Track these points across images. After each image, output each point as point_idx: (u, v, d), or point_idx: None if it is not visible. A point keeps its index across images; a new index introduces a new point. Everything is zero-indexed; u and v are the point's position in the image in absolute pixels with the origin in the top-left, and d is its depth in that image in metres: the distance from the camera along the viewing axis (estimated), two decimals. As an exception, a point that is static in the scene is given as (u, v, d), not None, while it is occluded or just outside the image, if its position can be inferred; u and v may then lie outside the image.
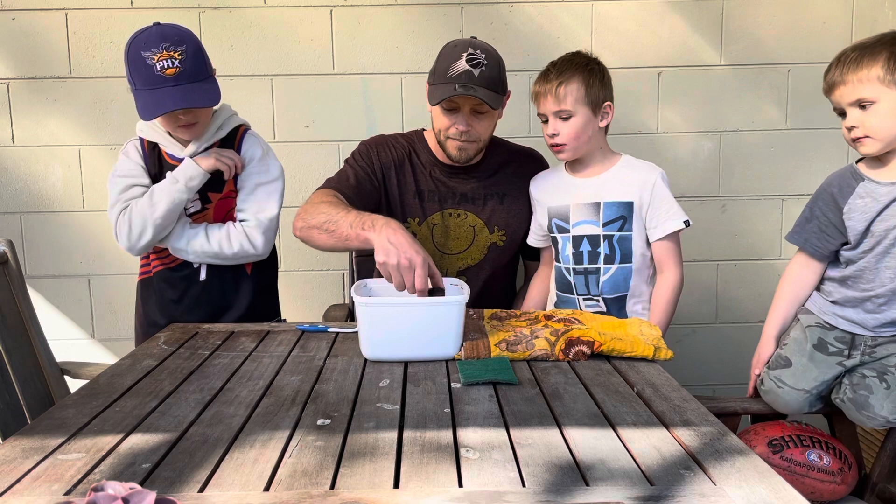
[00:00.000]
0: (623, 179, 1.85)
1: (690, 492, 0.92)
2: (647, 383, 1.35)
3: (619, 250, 1.83)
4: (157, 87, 1.70)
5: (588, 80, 1.80)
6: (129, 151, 1.87)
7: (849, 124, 1.56)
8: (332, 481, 0.95)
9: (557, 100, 1.79)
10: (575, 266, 1.87)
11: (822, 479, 1.56)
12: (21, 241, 2.52)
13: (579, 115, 1.80)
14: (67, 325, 2.59)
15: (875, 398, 1.52)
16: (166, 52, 1.71)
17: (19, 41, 2.46)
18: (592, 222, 1.84)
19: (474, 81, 1.79)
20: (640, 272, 1.85)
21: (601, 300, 1.86)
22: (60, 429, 1.13)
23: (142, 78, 1.71)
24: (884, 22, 2.54)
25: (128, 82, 1.76)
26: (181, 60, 1.71)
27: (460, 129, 1.85)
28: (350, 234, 1.68)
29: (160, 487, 0.93)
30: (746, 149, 2.61)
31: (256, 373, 1.41)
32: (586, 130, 1.82)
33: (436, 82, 1.85)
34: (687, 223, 1.81)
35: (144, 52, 1.71)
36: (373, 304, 1.50)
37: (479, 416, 1.18)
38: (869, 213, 1.56)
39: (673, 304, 1.84)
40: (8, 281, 1.80)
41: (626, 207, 1.83)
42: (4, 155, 2.52)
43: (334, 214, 1.73)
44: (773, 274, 2.66)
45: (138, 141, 1.88)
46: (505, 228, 1.98)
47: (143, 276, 1.95)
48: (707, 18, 2.54)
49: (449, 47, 1.86)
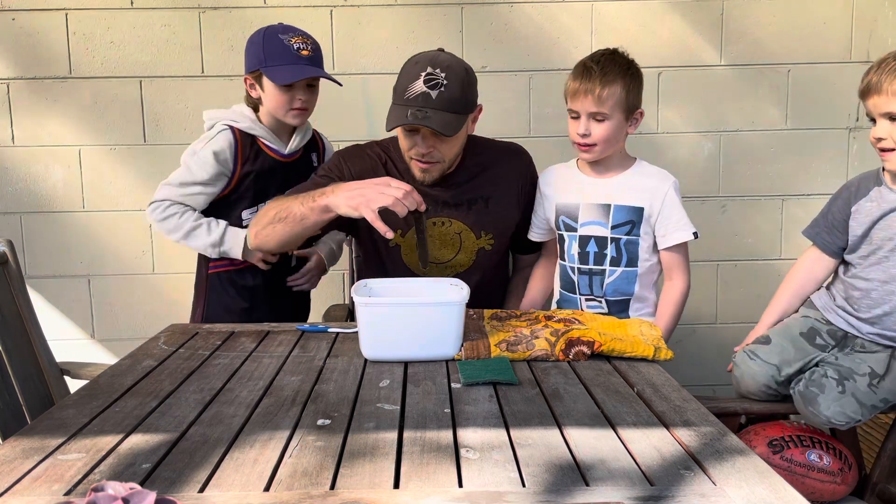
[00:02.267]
0: (636, 185, 1.83)
1: (690, 492, 0.92)
2: (647, 383, 1.35)
3: (625, 254, 1.83)
4: (295, 63, 1.85)
5: (629, 85, 1.76)
6: (220, 144, 1.89)
7: (878, 135, 1.54)
8: (332, 481, 0.95)
9: (598, 101, 1.74)
10: (580, 266, 1.87)
11: (823, 479, 1.55)
12: (21, 241, 2.52)
13: (614, 120, 1.76)
14: (67, 325, 2.59)
15: (824, 398, 1.53)
16: (302, 37, 1.90)
17: (19, 41, 2.46)
18: (601, 223, 1.83)
19: (431, 104, 1.71)
20: (644, 277, 1.85)
21: (603, 301, 1.86)
22: (60, 429, 1.13)
23: (279, 54, 1.85)
24: (884, 22, 2.55)
25: (255, 63, 1.88)
26: (313, 48, 1.90)
27: (421, 153, 1.79)
28: (304, 211, 1.68)
29: (160, 487, 0.93)
30: (746, 149, 2.61)
31: (256, 373, 1.41)
32: (617, 135, 1.79)
33: (394, 102, 1.78)
34: (695, 235, 1.81)
35: (282, 35, 1.87)
36: (373, 304, 1.50)
37: (479, 417, 1.18)
38: (871, 217, 1.57)
39: (678, 311, 1.84)
40: (8, 281, 1.80)
41: (636, 213, 1.81)
42: (4, 155, 2.52)
43: (280, 205, 1.74)
44: (773, 274, 2.66)
45: (230, 133, 1.91)
46: (492, 231, 1.93)
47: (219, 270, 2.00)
48: (707, 18, 2.54)
49: (409, 64, 1.78)
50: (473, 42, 2.48)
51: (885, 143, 1.53)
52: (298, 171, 1.98)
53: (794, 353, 1.64)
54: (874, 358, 1.57)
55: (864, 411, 1.53)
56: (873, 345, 1.60)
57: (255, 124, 1.92)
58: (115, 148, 2.52)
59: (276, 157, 1.95)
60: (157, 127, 2.50)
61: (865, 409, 1.53)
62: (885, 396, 1.53)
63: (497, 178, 1.95)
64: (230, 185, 1.93)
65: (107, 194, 2.54)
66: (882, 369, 1.54)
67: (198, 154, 1.89)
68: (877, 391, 1.53)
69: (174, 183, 1.90)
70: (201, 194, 1.90)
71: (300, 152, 2.00)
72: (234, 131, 1.91)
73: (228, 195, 1.94)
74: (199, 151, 1.89)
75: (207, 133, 1.93)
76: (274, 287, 2.03)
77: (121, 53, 2.48)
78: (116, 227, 2.55)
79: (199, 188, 1.89)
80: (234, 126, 1.91)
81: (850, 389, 1.53)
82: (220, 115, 1.95)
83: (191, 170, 1.89)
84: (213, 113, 1.96)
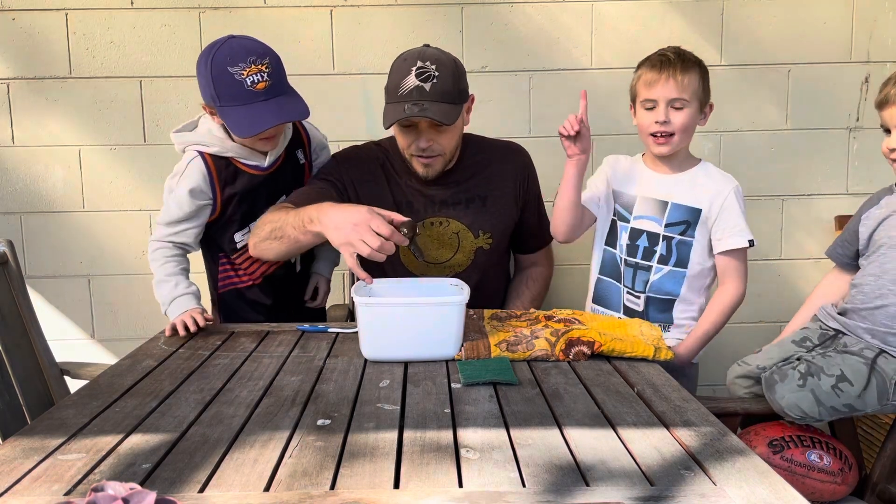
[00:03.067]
0: (697, 185, 1.81)
1: (690, 492, 0.92)
2: (647, 383, 1.35)
3: (675, 253, 1.81)
4: (249, 103, 1.67)
5: (703, 75, 1.78)
6: (194, 179, 1.78)
7: (891, 145, 1.57)
8: (332, 481, 0.95)
9: (680, 87, 1.73)
10: (627, 257, 1.85)
11: (823, 479, 1.55)
12: (21, 241, 2.52)
13: (692, 108, 1.77)
14: (67, 325, 2.59)
15: (781, 387, 1.53)
16: (254, 65, 1.68)
17: (19, 41, 2.46)
18: (655, 219, 1.82)
19: (426, 97, 1.71)
20: (693, 280, 1.82)
21: (643, 298, 1.84)
22: (60, 429, 1.13)
23: (231, 94, 1.68)
24: (884, 22, 2.54)
25: (208, 99, 1.73)
26: (269, 74, 1.69)
27: (421, 147, 1.79)
28: (296, 235, 1.67)
29: (160, 488, 0.93)
30: (746, 149, 2.61)
31: (256, 373, 1.41)
32: (693, 125, 1.79)
33: (388, 101, 1.78)
34: (751, 242, 1.79)
35: (232, 68, 1.67)
36: (373, 304, 1.50)
37: (479, 417, 1.18)
38: (877, 220, 1.60)
39: (725, 317, 1.82)
40: (8, 281, 1.80)
41: (693, 214, 1.80)
42: (4, 155, 2.52)
43: (277, 221, 1.71)
44: (773, 274, 2.66)
45: (200, 160, 1.79)
46: (490, 231, 1.93)
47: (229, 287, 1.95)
48: (707, 18, 2.54)
49: (398, 62, 1.79)
50: (473, 42, 2.48)
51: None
52: (285, 177, 1.90)
53: (778, 353, 1.68)
54: (850, 363, 1.54)
55: (822, 411, 1.51)
56: (859, 343, 1.59)
57: (225, 145, 1.80)
58: (115, 148, 2.52)
59: (257, 173, 1.84)
60: (157, 127, 2.50)
61: (824, 409, 1.51)
62: (850, 403, 1.51)
63: (495, 177, 1.95)
64: (215, 212, 1.84)
65: (107, 194, 2.54)
66: (858, 379, 1.51)
67: (174, 192, 1.80)
68: (840, 395, 1.50)
69: (162, 223, 1.83)
70: (190, 229, 1.82)
71: (283, 156, 1.89)
72: (204, 158, 1.79)
73: (216, 220, 1.86)
74: (175, 189, 1.80)
75: (178, 166, 1.82)
76: (286, 301, 2.00)
77: (121, 53, 2.48)
78: (116, 227, 2.55)
79: (184, 225, 1.81)
80: (203, 152, 1.79)
81: (811, 386, 1.51)
82: (189, 139, 1.82)
83: (171, 209, 1.81)
84: (182, 137, 1.84)
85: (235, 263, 1.93)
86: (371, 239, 1.50)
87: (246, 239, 1.87)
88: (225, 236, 1.89)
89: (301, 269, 2.03)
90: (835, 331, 1.66)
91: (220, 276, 1.95)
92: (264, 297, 1.95)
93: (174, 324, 1.71)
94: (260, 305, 1.96)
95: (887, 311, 1.56)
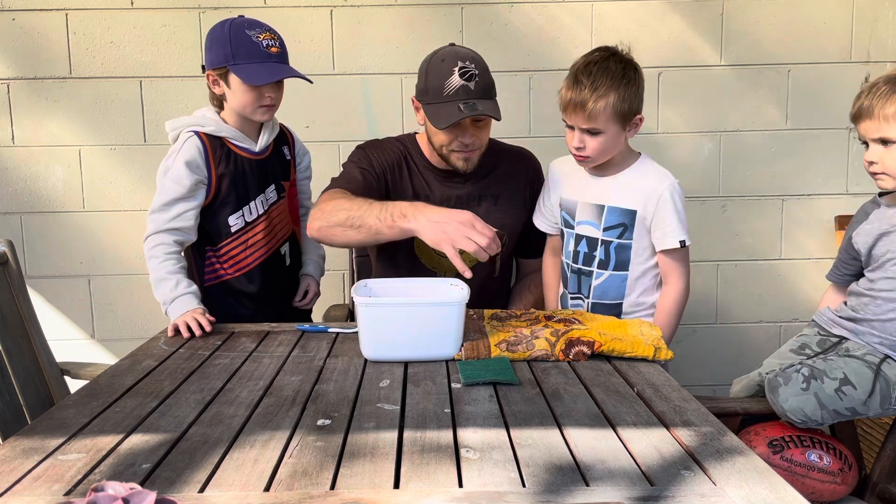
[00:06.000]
0: (631, 186, 1.79)
1: (690, 492, 0.92)
2: (647, 383, 1.35)
3: (614, 257, 1.80)
4: (264, 61, 1.80)
5: (623, 94, 1.69)
6: (190, 152, 1.82)
7: (869, 158, 1.57)
8: (332, 481, 0.95)
9: (588, 118, 1.69)
10: (571, 263, 1.87)
11: (823, 479, 1.55)
12: (21, 241, 2.52)
13: (608, 133, 1.72)
14: (67, 325, 2.59)
15: (785, 390, 1.53)
16: (269, 33, 1.84)
17: (19, 41, 2.46)
18: (594, 224, 1.82)
19: (473, 95, 1.76)
20: (637, 282, 1.81)
21: (587, 304, 1.85)
22: (60, 429, 1.13)
23: (247, 52, 1.79)
24: (884, 22, 2.55)
25: (220, 59, 1.81)
26: (280, 44, 1.85)
27: (465, 143, 1.83)
28: (380, 227, 1.67)
29: (160, 487, 0.93)
30: (746, 149, 2.61)
31: (256, 373, 1.41)
32: (614, 145, 1.75)
33: (433, 101, 1.80)
34: (682, 243, 1.75)
35: (249, 31, 1.81)
36: (373, 304, 1.50)
37: (479, 417, 1.18)
38: (872, 236, 1.61)
39: (674, 316, 1.79)
40: (8, 281, 1.80)
41: (629, 216, 1.78)
42: (4, 155, 2.52)
43: (356, 210, 1.71)
44: (773, 274, 2.66)
45: (196, 139, 1.84)
46: (501, 229, 1.95)
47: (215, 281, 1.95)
48: (707, 18, 2.54)
49: (436, 62, 1.81)
50: (473, 42, 2.48)
51: (875, 168, 1.56)
52: (273, 166, 1.95)
53: (778, 364, 1.68)
54: (853, 367, 1.54)
55: (825, 414, 1.51)
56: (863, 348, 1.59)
57: (220, 125, 1.87)
58: (115, 148, 2.52)
59: (248, 157, 1.90)
60: (157, 127, 2.50)
61: (826, 413, 1.51)
62: (853, 407, 1.51)
63: (507, 178, 1.98)
64: (210, 193, 1.86)
65: (107, 194, 2.54)
66: (863, 384, 1.51)
67: (171, 170, 1.82)
68: (844, 398, 1.50)
69: (157, 208, 1.81)
70: (187, 211, 1.82)
71: (271, 147, 1.96)
72: (200, 136, 1.84)
73: (211, 203, 1.87)
74: (171, 167, 1.82)
75: (173, 146, 1.86)
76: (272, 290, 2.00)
77: (121, 53, 2.48)
78: (116, 227, 2.55)
79: (182, 205, 1.81)
80: (199, 131, 1.85)
81: (815, 389, 1.51)
82: (183, 122, 1.88)
83: (168, 189, 1.81)
84: (176, 122, 1.89)
85: (223, 254, 1.92)
86: (478, 237, 1.54)
87: (240, 223, 1.89)
88: (219, 220, 1.89)
89: (290, 263, 2.04)
90: (837, 337, 1.66)
91: (206, 270, 1.95)
92: (250, 285, 1.95)
93: (176, 324, 1.71)
94: (245, 296, 1.95)
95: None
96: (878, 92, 1.52)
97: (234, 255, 1.93)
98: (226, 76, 1.83)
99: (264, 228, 1.93)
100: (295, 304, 2.05)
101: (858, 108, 1.56)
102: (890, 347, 1.57)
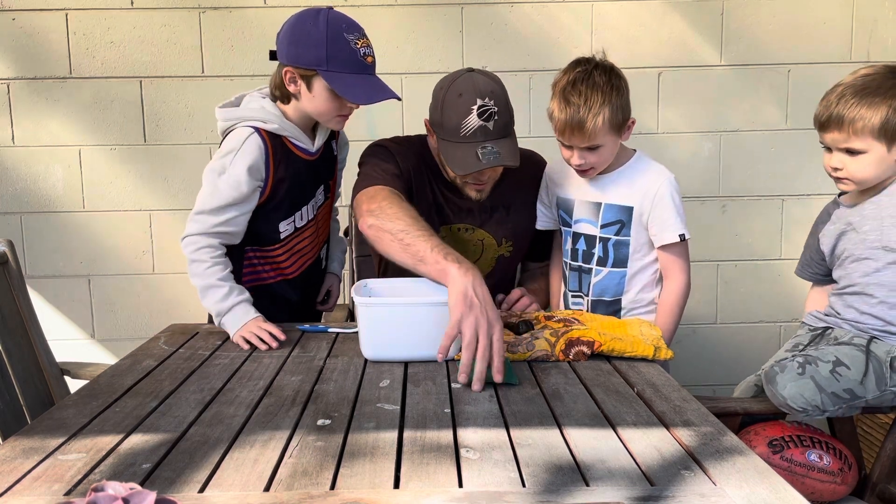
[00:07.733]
0: (627, 182, 1.79)
1: (690, 492, 0.92)
2: (647, 383, 1.35)
3: (612, 254, 1.81)
4: (362, 73, 1.64)
5: (615, 104, 1.67)
6: (252, 155, 1.65)
7: (833, 164, 1.57)
8: (332, 481, 0.95)
9: (586, 137, 1.68)
10: (571, 262, 1.87)
11: (823, 479, 1.55)
12: (21, 241, 2.52)
13: (608, 144, 1.72)
14: (67, 325, 2.59)
15: (782, 377, 1.53)
16: (365, 39, 1.66)
17: (19, 41, 2.46)
18: (591, 222, 1.82)
19: (491, 136, 1.68)
20: (636, 279, 1.82)
21: (587, 301, 1.85)
22: (60, 429, 1.13)
23: (345, 60, 1.61)
24: (884, 22, 2.55)
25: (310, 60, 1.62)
26: (373, 51, 1.68)
27: (482, 179, 1.79)
28: (424, 265, 1.53)
29: (160, 487, 0.93)
30: (746, 149, 2.61)
31: (257, 373, 1.41)
32: (612, 152, 1.75)
33: (449, 139, 1.71)
34: (682, 237, 1.75)
35: (348, 35, 1.63)
36: (373, 304, 1.50)
37: (479, 417, 1.18)
38: (834, 236, 1.64)
39: (676, 312, 1.79)
40: (8, 281, 1.80)
41: (626, 212, 1.78)
42: (4, 155, 2.52)
43: (413, 229, 1.58)
44: (773, 274, 2.66)
45: (258, 138, 1.66)
46: (512, 239, 1.94)
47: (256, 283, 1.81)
48: (707, 18, 2.54)
49: (452, 97, 1.70)
50: (473, 42, 2.48)
51: (839, 174, 1.57)
52: (326, 165, 1.83)
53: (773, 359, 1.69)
54: (843, 351, 1.55)
55: (825, 398, 1.50)
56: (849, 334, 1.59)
57: (284, 123, 1.69)
58: (115, 148, 2.52)
59: (304, 157, 1.75)
60: (157, 127, 2.50)
61: (826, 397, 1.50)
62: (850, 388, 1.51)
63: (517, 185, 1.95)
64: (264, 195, 1.70)
65: (107, 194, 2.54)
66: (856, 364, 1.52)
67: (228, 172, 1.65)
68: (840, 379, 1.50)
69: (207, 210, 1.64)
70: (239, 216, 1.67)
71: (323, 145, 1.81)
72: (261, 134, 1.67)
73: (263, 206, 1.72)
74: (229, 168, 1.65)
75: (231, 143, 1.67)
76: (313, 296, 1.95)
77: (121, 53, 2.48)
78: (116, 227, 2.55)
79: (234, 211, 1.66)
80: (260, 128, 1.67)
81: (811, 373, 1.51)
82: (240, 114, 1.69)
83: (223, 192, 1.64)
84: (230, 112, 1.70)
85: (267, 259, 1.80)
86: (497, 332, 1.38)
87: (290, 229, 1.77)
88: (269, 225, 1.75)
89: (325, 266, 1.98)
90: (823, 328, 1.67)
91: (244, 270, 1.80)
92: (292, 292, 1.85)
93: (243, 336, 1.60)
94: (285, 302, 1.85)
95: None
96: (847, 103, 1.50)
97: (280, 262, 1.81)
98: (310, 78, 1.64)
99: (311, 234, 1.83)
100: (318, 306, 1.98)
101: (827, 117, 1.54)
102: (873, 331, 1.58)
